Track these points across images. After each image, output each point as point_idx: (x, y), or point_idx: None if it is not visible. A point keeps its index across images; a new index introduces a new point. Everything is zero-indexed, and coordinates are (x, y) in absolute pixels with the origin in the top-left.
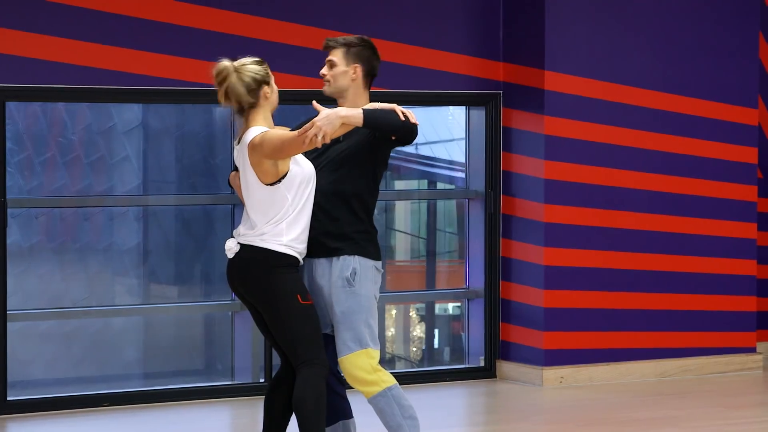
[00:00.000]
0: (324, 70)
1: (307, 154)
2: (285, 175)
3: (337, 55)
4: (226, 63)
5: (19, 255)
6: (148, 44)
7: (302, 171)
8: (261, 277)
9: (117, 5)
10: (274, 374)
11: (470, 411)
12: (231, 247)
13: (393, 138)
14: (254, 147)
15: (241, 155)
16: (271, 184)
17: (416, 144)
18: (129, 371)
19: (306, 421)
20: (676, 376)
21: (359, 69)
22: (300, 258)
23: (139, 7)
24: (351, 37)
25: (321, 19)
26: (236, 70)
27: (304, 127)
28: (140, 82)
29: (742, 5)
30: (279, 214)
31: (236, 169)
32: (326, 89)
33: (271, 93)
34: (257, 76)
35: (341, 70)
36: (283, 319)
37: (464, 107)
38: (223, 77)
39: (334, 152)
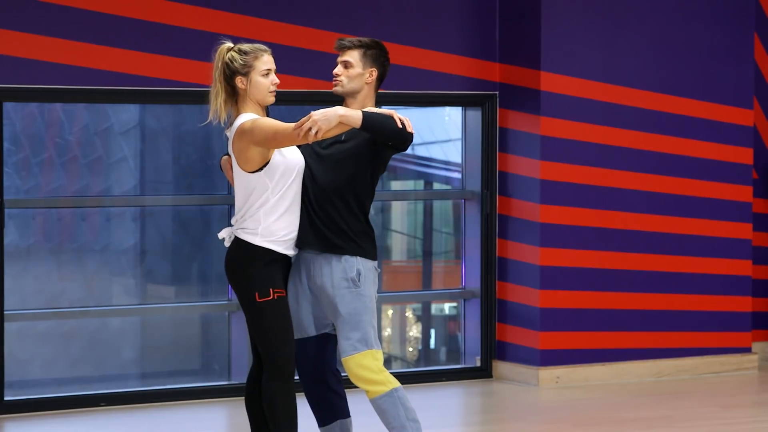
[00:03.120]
0: (338, 70)
1: (308, 152)
2: (267, 163)
3: (353, 56)
4: (224, 44)
5: (16, 255)
6: (145, 45)
7: (285, 161)
8: (230, 270)
9: (114, 6)
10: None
11: (466, 411)
12: (224, 237)
13: (389, 144)
14: (243, 132)
15: (230, 141)
16: (252, 172)
17: (413, 144)
18: (126, 371)
19: (276, 417)
20: (672, 376)
21: (375, 73)
22: (278, 249)
23: (137, 8)
24: (366, 40)
25: (318, 21)
26: (228, 50)
27: (301, 120)
28: (137, 82)
29: (737, 6)
30: (258, 201)
31: (228, 153)
32: (338, 89)
33: (248, 85)
34: (231, 63)
35: (357, 71)
36: (247, 314)
37: (460, 108)
38: (216, 56)
39: (336, 150)
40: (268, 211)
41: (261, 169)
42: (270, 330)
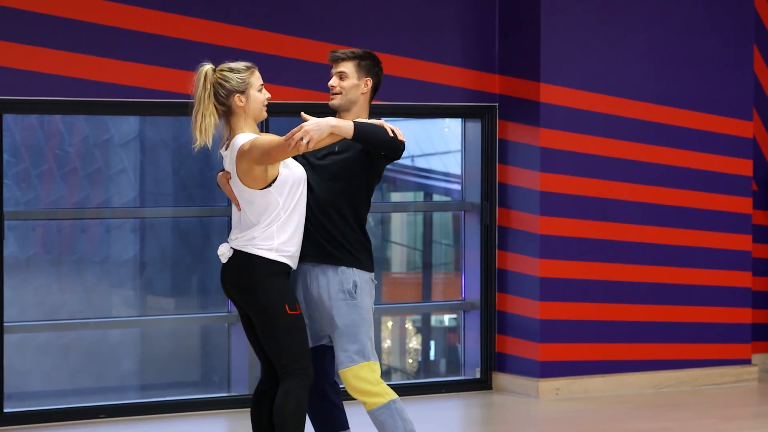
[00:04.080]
0: (333, 82)
1: (303, 163)
2: (275, 179)
3: (348, 67)
4: (206, 66)
5: (16, 267)
6: (145, 57)
7: (292, 174)
8: (251, 284)
9: (114, 18)
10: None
11: (466, 423)
12: (224, 252)
13: (381, 153)
14: (243, 154)
15: (230, 161)
16: (261, 189)
17: (412, 156)
18: (125, 383)
19: (284, 430)
20: (672, 388)
21: (370, 82)
22: (291, 263)
23: (137, 20)
24: (359, 51)
25: (318, 32)
26: (213, 71)
27: (292, 130)
28: (137, 94)
29: (737, 18)
30: (270, 218)
31: (224, 169)
32: (334, 101)
33: (246, 102)
34: (226, 83)
35: (353, 82)
36: (271, 327)
37: (460, 119)
38: (202, 78)
39: (331, 162)
40: (281, 226)
41: (270, 185)
42: (303, 339)
